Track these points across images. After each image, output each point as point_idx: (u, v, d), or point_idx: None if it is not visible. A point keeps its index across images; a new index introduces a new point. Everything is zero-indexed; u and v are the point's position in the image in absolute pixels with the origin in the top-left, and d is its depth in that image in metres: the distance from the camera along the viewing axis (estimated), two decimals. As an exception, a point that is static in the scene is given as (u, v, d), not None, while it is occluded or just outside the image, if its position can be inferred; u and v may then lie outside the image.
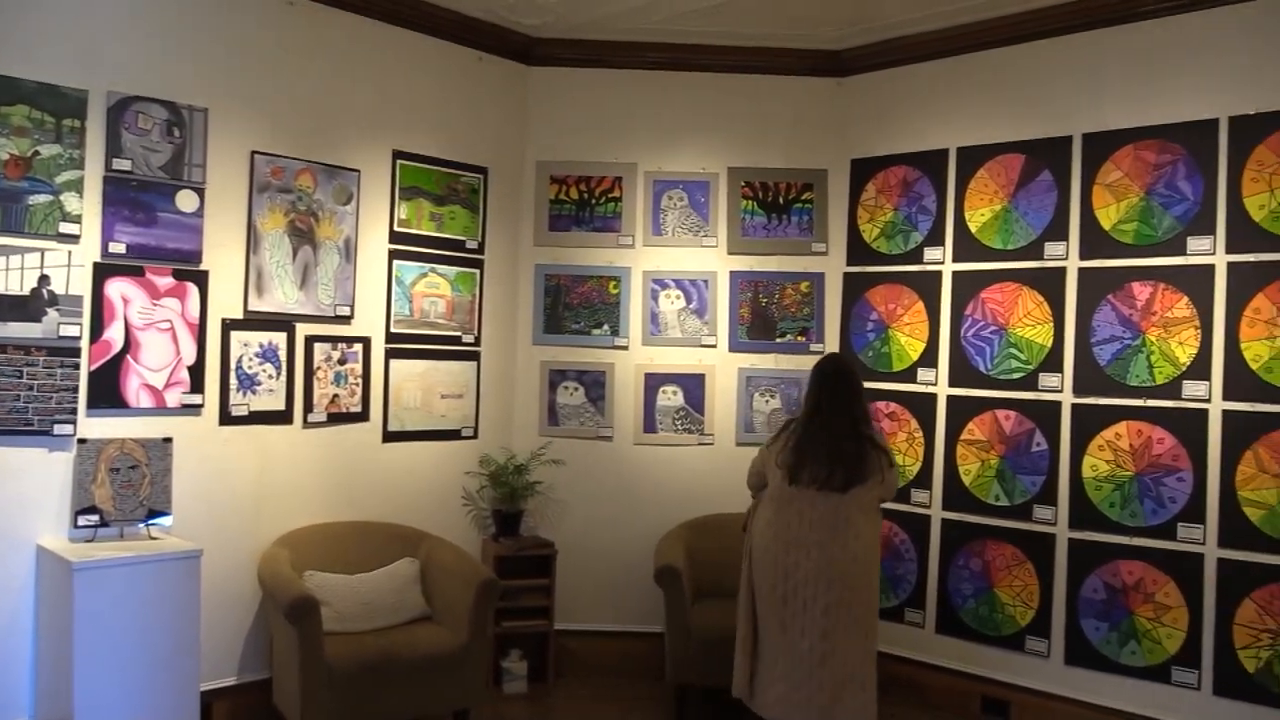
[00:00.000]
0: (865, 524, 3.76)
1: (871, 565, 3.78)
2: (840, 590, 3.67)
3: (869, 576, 3.77)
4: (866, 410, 3.94)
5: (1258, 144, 4.15)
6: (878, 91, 5.34)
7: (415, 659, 4.03)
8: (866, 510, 3.78)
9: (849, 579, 3.68)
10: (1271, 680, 4.03)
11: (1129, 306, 4.45)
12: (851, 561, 3.69)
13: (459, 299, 5.12)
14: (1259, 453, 4.10)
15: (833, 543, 3.68)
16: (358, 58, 4.71)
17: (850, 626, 3.71)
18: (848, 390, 3.84)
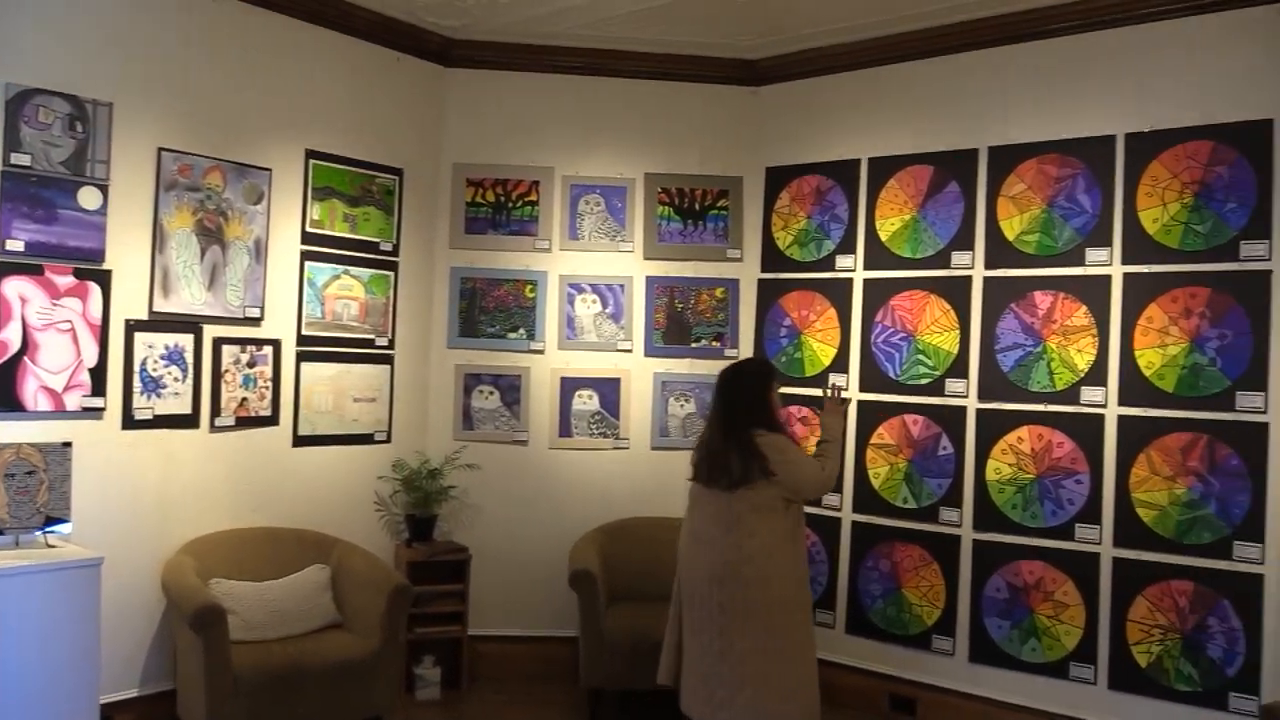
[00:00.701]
0: (760, 523, 3.64)
1: (772, 565, 3.63)
2: (733, 588, 3.62)
3: (770, 576, 3.63)
4: (763, 411, 3.75)
5: (1152, 160, 4.33)
6: (792, 101, 5.44)
7: (325, 667, 3.97)
8: (761, 510, 3.64)
9: (742, 578, 3.62)
10: (1162, 673, 4.20)
11: (1031, 315, 4.60)
12: (745, 562, 3.62)
13: (373, 301, 5.06)
14: (1151, 456, 4.27)
15: (725, 540, 3.65)
16: (272, 55, 4.62)
17: (747, 626, 3.64)
18: (738, 392, 3.79)
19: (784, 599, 3.65)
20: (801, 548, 3.74)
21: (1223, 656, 4.07)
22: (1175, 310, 4.24)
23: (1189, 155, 4.25)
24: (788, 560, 3.66)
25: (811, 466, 3.76)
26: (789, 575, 3.67)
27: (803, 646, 3.69)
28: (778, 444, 3.68)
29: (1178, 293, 4.24)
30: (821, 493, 3.86)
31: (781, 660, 3.63)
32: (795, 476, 3.66)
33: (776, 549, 3.64)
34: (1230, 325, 4.12)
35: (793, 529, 3.69)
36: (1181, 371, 4.22)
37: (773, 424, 3.75)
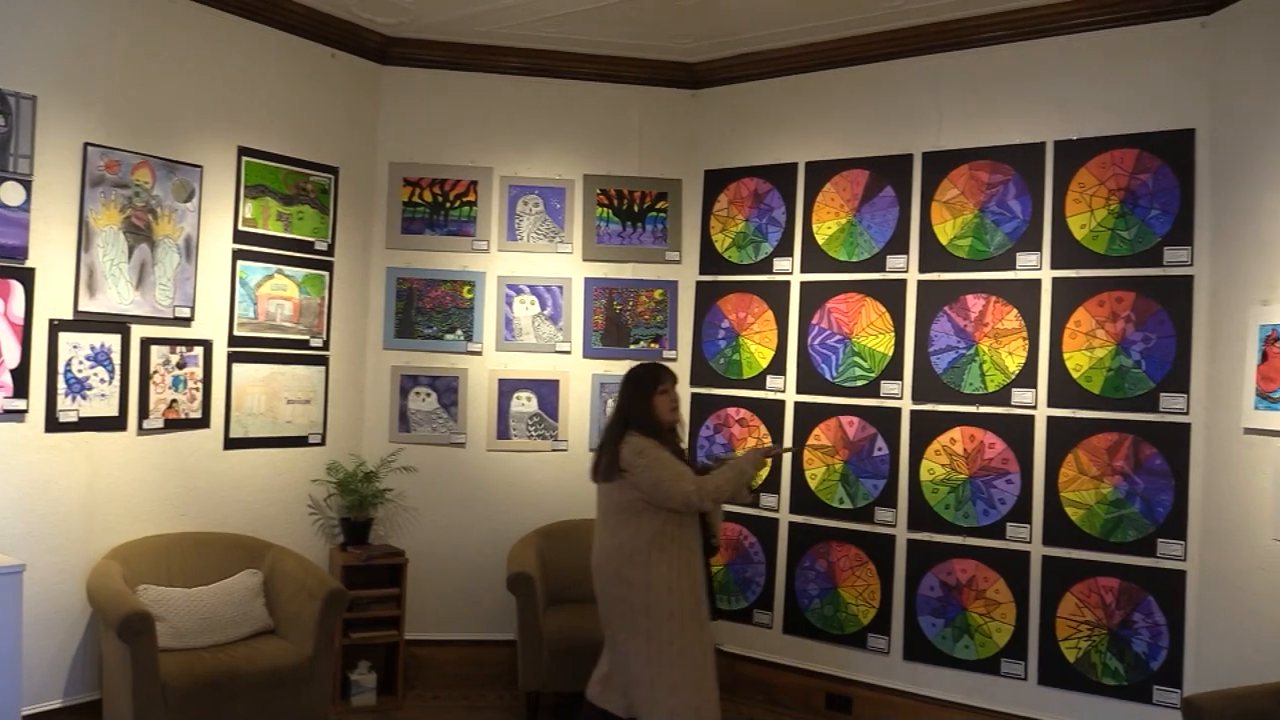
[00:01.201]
0: (622, 523, 3.71)
1: (633, 568, 3.66)
2: (601, 583, 3.77)
3: (631, 579, 3.66)
4: (643, 414, 3.77)
5: (1080, 168, 4.44)
6: (731, 105, 5.47)
7: (256, 674, 3.90)
8: (624, 510, 3.71)
9: (604, 573, 3.76)
10: (1090, 668, 4.30)
11: (964, 318, 4.69)
12: (605, 557, 3.74)
13: (307, 301, 4.98)
14: (1079, 456, 4.37)
15: (598, 535, 3.82)
16: (203, 49, 4.53)
17: (622, 623, 3.73)
18: (626, 394, 3.86)
19: (649, 604, 3.64)
20: (675, 555, 3.67)
21: (1147, 651, 4.18)
22: (1102, 314, 4.35)
23: (1115, 163, 4.36)
24: (652, 565, 3.64)
25: (671, 474, 3.65)
26: (655, 581, 3.64)
27: (676, 657, 3.64)
28: (638, 445, 3.68)
29: (1104, 297, 4.35)
30: (685, 506, 3.66)
31: (656, 664, 3.64)
32: (647, 479, 3.64)
33: (638, 552, 3.66)
34: (1154, 329, 4.24)
35: (660, 535, 3.65)
36: (1108, 373, 4.33)
37: (651, 426, 3.76)
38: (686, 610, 3.68)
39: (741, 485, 3.81)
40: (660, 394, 3.81)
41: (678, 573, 3.68)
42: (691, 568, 3.73)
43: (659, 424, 3.79)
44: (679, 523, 3.70)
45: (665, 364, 4.02)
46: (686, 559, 3.72)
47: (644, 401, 3.79)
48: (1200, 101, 4.18)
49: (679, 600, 3.66)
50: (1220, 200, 4.09)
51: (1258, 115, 3.88)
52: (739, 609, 5.25)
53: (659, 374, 3.87)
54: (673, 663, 3.63)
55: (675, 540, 3.68)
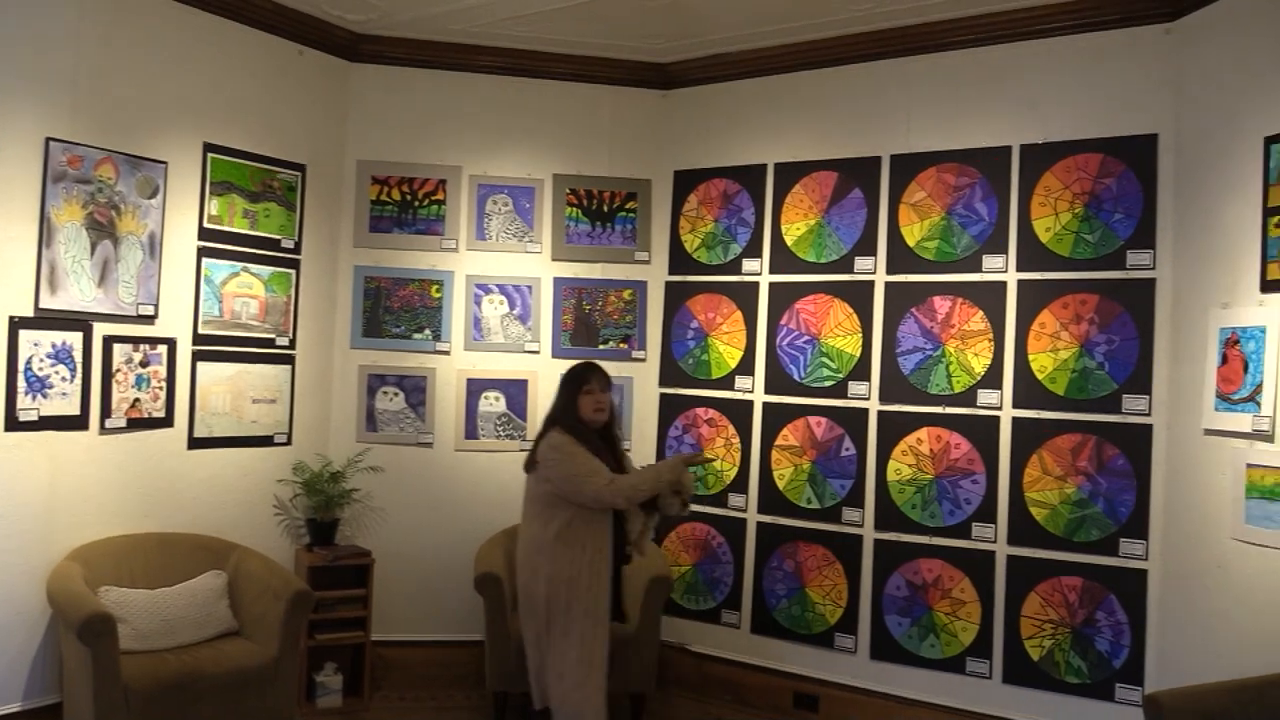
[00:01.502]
0: (533, 515, 3.88)
1: (540, 559, 3.80)
2: (517, 573, 3.92)
3: (536, 569, 3.81)
4: (567, 410, 3.92)
5: (1045, 171, 4.49)
6: (701, 105, 5.48)
7: (221, 676, 3.86)
8: (536, 501, 3.87)
9: (517, 564, 3.94)
10: (1053, 666, 4.35)
11: (930, 319, 4.72)
12: (519, 548, 3.93)
13: (273, 300, 4.94)
14: (1043, 456, 4.42)
15: (520, 529, 3.97)
16: (168, 44, 4.47)
17: (529, 613, 3.89)
18: (557, 392, 4.02)
19: (549, 596, 3.79)
20: (579, 552, 3.76)
21: (1109, 649, 4.24)
22: (1066, 316, 4.40)
23: (1080, 167, 4.41)
24: (556, 558, 3.77)
25: (584, 469, 3.75)
26: (556, 574, 3.77)
27: (568, 650, 3.77)
28: (555, 440, 3.81)
29: (1069, 299, 4.40)
30: (595, 502, 3.74)
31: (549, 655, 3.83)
32: (559, 473, 3.77)
33: (545, 544, 3.79)
34: (1117, 331, 4.29)
35: (566, 530, 3.76)
36: (1072, 375, 4.38)
37: (574, 424, 3.88)
38: (581, 607, 3.78)
39: (659, 488, 3.85)
40: (584, 394, 3.92)
41: (579, 569, 3.77)
42: (596, 567, 3.80)
43: (581, 422, 3.89)
44: (589, 520, 3.79)
45: (599, 365, 4.06)
46: (592, 557, 3.80)
47: (569, 399, 3.93)
48: (1163, 107, 4.23)
49: (577, 595, 3.77)
50: (1182, 205, 4.15)
51: (1219, 121, 3.94)
52: (707, 609, 5.26)
53: (586, 374, 3.98)
54: (563, 655, 3.77)
55: (582, 537, 3.78)
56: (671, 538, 5.40)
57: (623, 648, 4.55)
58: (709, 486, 5.28)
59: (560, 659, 3.80)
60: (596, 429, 3.95)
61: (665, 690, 5.13)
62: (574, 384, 3.97)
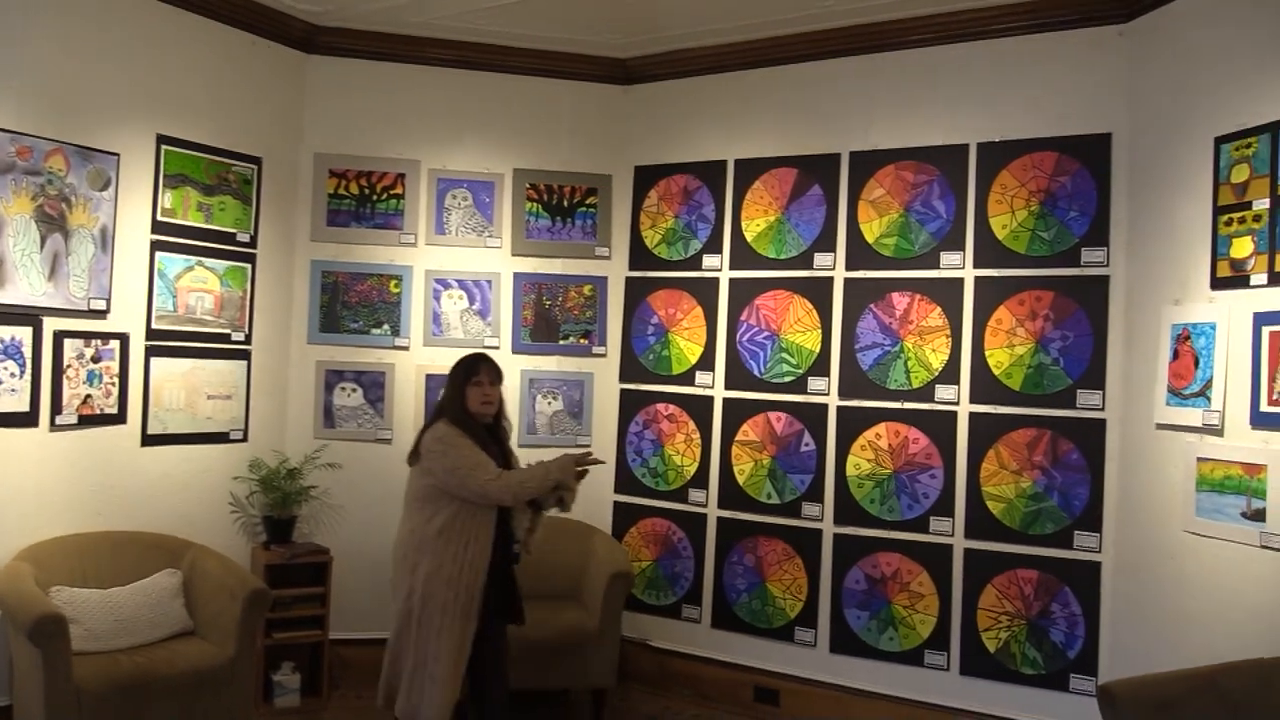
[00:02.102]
0: (416, 511, 3.73)
1: (419, 555, 3.66)
2: (392, 571, 3.79)
3: (416, 565, 3.67)
4: (453, 402, 3.76)
5: (1002, 169, 4.54)
6: (662, 101, 5.48)
7: (176, 676, 3.79)
8: (419, 498, 3.72)
9: (393, 559, 3.80)
10: (1009, 658, 4.41)
11: (889, 315, 4.76)
12: (397, 543, 3.80)
13: (228, 294, 4.87)
14: (1000, 451, 4.48)
15: (400, 523, 3.84)
16: (120, 34, 4.38)
17: (402, 610, 3.73)
18: (445, 384, 3.87)
19: (425, 594, 3.64)
20: (461, 549, 3.64)
21: (1064, 640, 4.30)
22: (1022, 312, 4.46)
23: (1035, 165, 4.47)
24: (436, 555, 3.63)
25: (469, 463, 3.62)
26: (434, 571, 3.63)
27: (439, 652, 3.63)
28: (440, 432, 3.68)
29: (1024, 296, 4.46)
30: (480, 497, 3.63)
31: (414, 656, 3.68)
32: (443, 466, 3.63)
33: (426, 540, 3.66)
34: (1072, 327, 4.36)
35: (449, 526, 3.63)
36: (1028, 371, 4.44)
37: (461, 416, 3.74)
38: (459, 606, 3.63)
39: (545, 486, 3.73)
40: (472, 385, 3.77)
41: (459, 567, 3.64)
42: (476, 564, 3.66)
43: (469, 415, 3.76)
44: (473, 516, 3.66)
45: (489, 357, 3.91)
46: (473, 555, 3.65)
47: (456, 391, 3.79)
48: (1117, 107, 4.30)
49: (454, 595, 3.63)
50: (1135, 203, 4.22)
51: (1170, 121, 4.01)
52: (668, 604, 5.27)
53: (475, 365, 3.82)
54: (435, 657, 3.64)
55: (464, 533, 3.65)
56: (632, 533, 5.40)
57: (584, 644, 4.56)
58: (669, 482, 5.29)
59: (434, 661, 3.63)
60: (484, 423, 3.81)
61: (626, 685, 5.13)
62: (462, 375, 3.81)
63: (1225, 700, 3.03)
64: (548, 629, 4.56)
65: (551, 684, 4.69)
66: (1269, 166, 3.48)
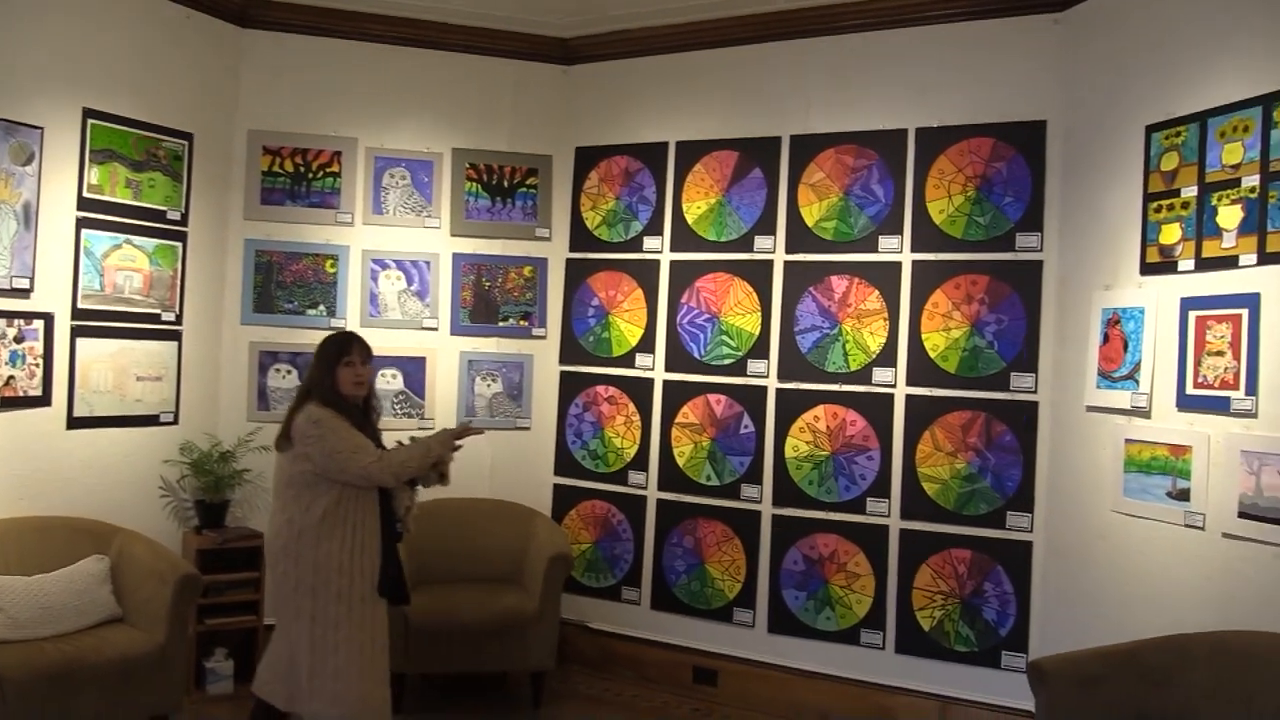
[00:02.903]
0: (291, 497, 3.51)
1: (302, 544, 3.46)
2: (270, 561, 3.58)
3: (299, 555, 3.46)
4: (325, 383, 3.57)
5: (939, 154, 4.59)
6: (603, 81, 5.45)
7: (103, 664, 3.71)
8: (294, 484, 3.51)
9: (271, 551, 3.57)
10: (943, 636, 4.49)
11: (828, 298, 4.80)
12: (274, 534, 3.55)
13: (158, 273, 4.75)
14: (935, 433, 4.54)
15: (271, 511, 3.63)
16: (45, 3, 4.23)
17: (287, 605, 3.52)
18: (314, 364, 3.65)
19: (315, 585, 3.47)
20: (348, 534, 3.48)
21: (996, 618, 4.39)
22: (958, 296, 4.52)
23: (972, 151, 4.52)
24: (322, 543, 3.46)
25: (348, 445, 3.47)
26: (323, 560, 3.46)
27: (341, 643, 3.48)
28: (314, 414, 3.48)
29: (960, 280, 4.52)
30: (362, 480, 3.48)
31: (313, 654, 3.48)
32: (321, 450, 3.44)
33: (308, 529, 3.46)
34: (1006, 311, 4.43)
35: (333, 512, 3.46)
36: (963, 354, 4.50)
37: (333, 398, 3.56)
38: (357, 593, 3.49)
39: (427, 463, 3.65)
40: (344, 365, 3.61)
41: (350, 553, 3.49)
42: (368, 548, 3.53)
43: (341, 396, 3.59)
44: (356, 499, 3.50)
45: (360, 336, 3.74)
46: (362, 539, 3.52)
47: (327, 372, 3.59)
48: (1052, 94, 4.36)
49: (349, 582, 3.48)
50: (1068, 190, 4.29)
51: (1103, 110, 4.08)
52: (607, 586, 5.28)
53: (347, 345, 3.66)
54: (335, 649, 3.47)
55: (350, 518, 3.49)
56: (572, 516, 5.39)
57: (523, 627, 4.55)
58: (609, 464, 5.28)
59: (334, 654, 3.47)
60: (355, 404, 3.68)
61: (565, 668, 5.13)
62: (333, 355, 3.61)
63: (1147, 674, 3.12)
64: (487, 612, 4.54)
65: (490, 667, 4.67)
66: (1197, 155, 3.55)
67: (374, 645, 3.54)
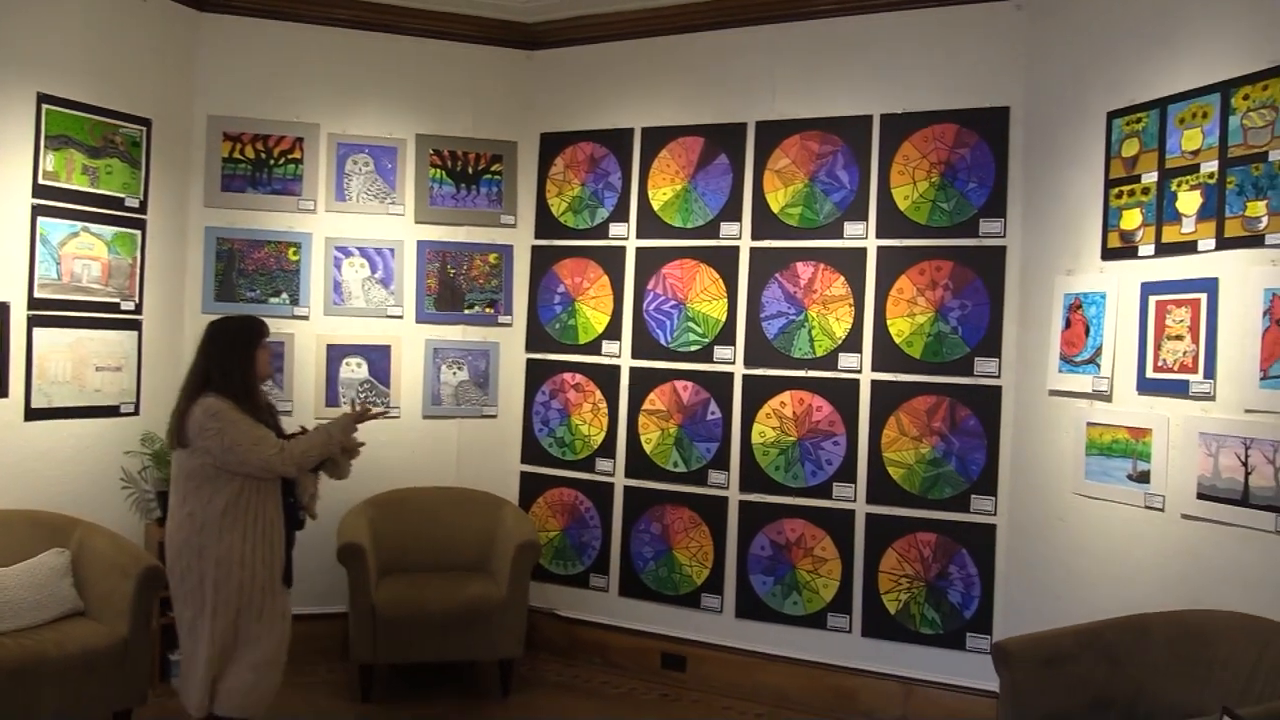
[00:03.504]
0: (190, 491, 3.43)
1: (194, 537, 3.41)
2: (170, 557, 3.48)
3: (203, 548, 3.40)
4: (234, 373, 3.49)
5: (904, 140, 4.61)
6: (568, 67, 5.42)
7: (66, 659, 3.66)
8: (191, 476, 3.43)
9: (172, 547, 3.47)
10: (909, 619, 4.53)
11: (794, 284, 4.81)
12: (175, 529, 3.46)
13: (117, 262, 4.67)
14: (900, 418, 4.57)
15: (171, 506, 3.53)
16: (-8, -15, 4.15)
17: (189, 600, 3.45)
18: (210, 349, 3.54)
19: (218, 580, 3.42)
20: (250, 526, 3.45)
21: (961, 600, 4.43)
22: (923, 282, 4.55)
23: (936, 137, 4.55)
24: (224, 536, 3.41)
25: (249, 437, 3.41)
26: (225, 554, 3.41)
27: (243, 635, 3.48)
28: (212, 407, 3.40)
29: (925, 265, 4.55)
30: (265, 471, 3.44)
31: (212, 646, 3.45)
32: (220, 443, 3.37)
33: (209, 522, 3.41)
34: (970, 296, 4.46)
35: (234, 505, 3.42)
36: (927, 339, 4.53)
37: (242, 386, 3.51)
38: (259, 585, 3.47)
39: (330, 450, 3.63)
40: (262, 348, 3.57)
41: (252, 545, 3.45)
42: (270, 540, 3.51)
43: (253, 383, 3.54)
44: (257, 490, 3.47)
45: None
46: (264, 530, 3.49)
47: (242, 358, 3.51)
48: (1015, 81, 4.39)
49: (251, 574, 3.45)
50: (1031, 175, 4.33)
51: (1065, 96, 4.11)
52: (575, 573, 5.28)
53: (261, 327, 3.60)
54: (248, 641, 3.48)
55: (252, 509, 3.46)
56: (540, 503, 5.38)
57: (491, 615, 4.54)
58: (576, 452, 5.28)
59: (246, 648, 3.48)
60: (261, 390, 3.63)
61: (533, 655, 5.13)
62: (250, 338, 3.55)
63: (1108, 653, 3.17)
64: (454, 601, 4.54)
65: (459, 655, 4.66)
66: (1157, 141, 3.59)
67: (274, 634, 3.55)
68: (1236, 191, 3.26)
